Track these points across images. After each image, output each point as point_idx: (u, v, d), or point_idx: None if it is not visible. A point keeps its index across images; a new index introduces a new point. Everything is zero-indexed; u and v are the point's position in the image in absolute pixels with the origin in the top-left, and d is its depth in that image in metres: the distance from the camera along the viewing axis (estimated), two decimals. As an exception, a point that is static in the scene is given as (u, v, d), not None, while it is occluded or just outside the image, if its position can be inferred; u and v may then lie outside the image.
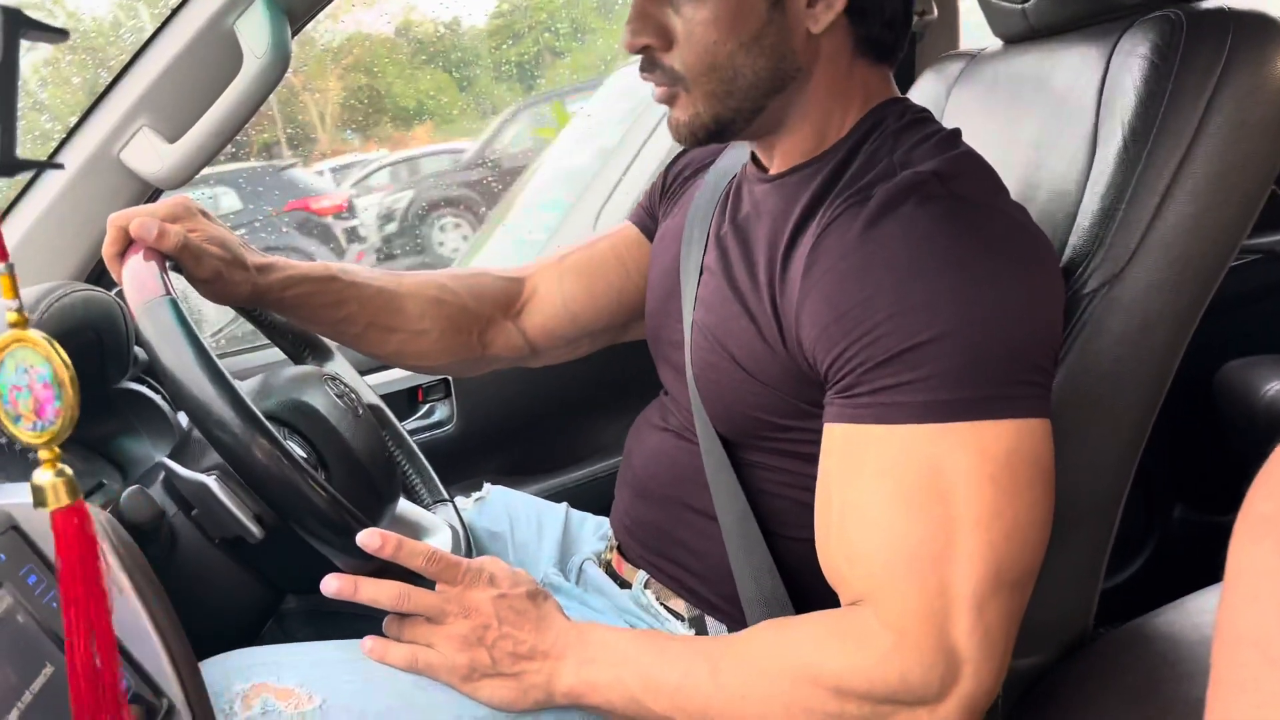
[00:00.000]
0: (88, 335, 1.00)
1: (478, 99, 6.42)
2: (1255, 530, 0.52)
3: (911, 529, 0.71)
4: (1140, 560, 1.67)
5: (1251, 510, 0.53)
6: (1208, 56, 0.84)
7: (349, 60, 5.53)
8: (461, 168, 5.99)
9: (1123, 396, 0.88)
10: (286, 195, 5.65)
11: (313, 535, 0.79)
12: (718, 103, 0.84)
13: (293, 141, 5.50)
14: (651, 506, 0.99)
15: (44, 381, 0.68)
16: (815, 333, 0.77)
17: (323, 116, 5.71)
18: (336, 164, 6.13)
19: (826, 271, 0.77)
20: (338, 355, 1.14)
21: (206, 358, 0.76)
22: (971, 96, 1.14)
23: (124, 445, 1.09)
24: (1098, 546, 0.94)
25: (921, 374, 0.71)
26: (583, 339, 1.18)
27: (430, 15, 3.04)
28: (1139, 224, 0.85)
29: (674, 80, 0.84)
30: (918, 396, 0.71)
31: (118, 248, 0.88)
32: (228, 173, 5.57)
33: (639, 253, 1.15)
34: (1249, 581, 0.51)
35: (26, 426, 0.68)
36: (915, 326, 0.71)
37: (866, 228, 0.75)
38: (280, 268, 0.98)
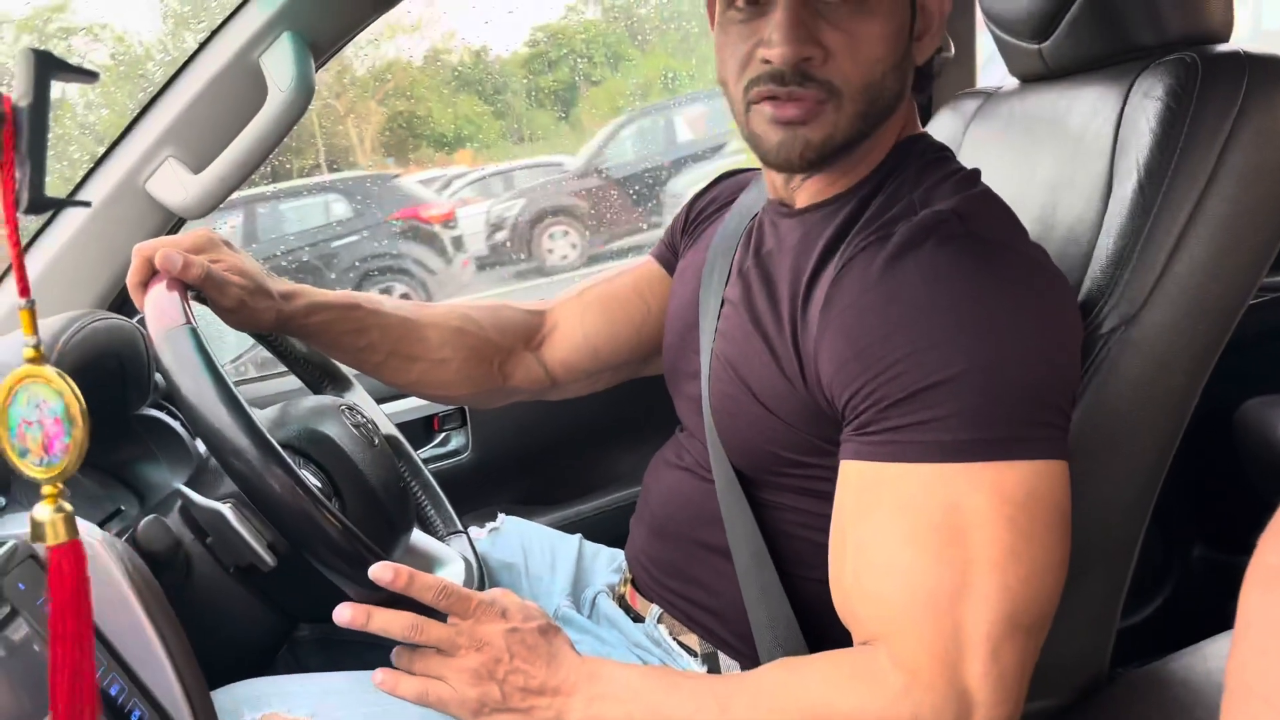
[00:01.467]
0: (110, 363, 1.01)
1: (514, 124, 6.53)
2: (1265, 581, 0.52)
3: (927, 569, 0.71)
4: (1159, 600, 1.65)
5: (1261, 561, 0.53)
6: (1223, 99, 0.84)
7: (390, 86, 5.64)
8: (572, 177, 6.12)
9: (1139, 437, 0.88)
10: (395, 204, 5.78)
11: (325, 565, 0.79)
12: (859, 122, 0.82)
13: (331, 165, 5.63)
14: (667, 544, 0.99)
15: (55, 417, 0.68)
16: (833, 369, 0.77)
17: (361, 139, 5.83)
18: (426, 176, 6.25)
19: (846, 308, 0.77)
20: (357, 386, 1.15)
21: (224, 386, 0.76)
22: (988, 134, 1.14)
23: (143, 471, 1.10)
24: (1114, 588, 0.93)
25: (939, 413, 0.70)
26: (603, 373, 1.19)
27: (464, 43, 3.11)
28: (1155, 265, 0.84)
29: (829, 94, 0.80)
30: (935, 436, 0.71)
31: (141, 277, 0.89)
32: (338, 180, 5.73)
33: (660, 288, 1.15)
34: (1258, 633, 0.51)
35: (33, 461, 0.69)
36: (934, 365, 0.71)
37: (886, 266, 0.75)
38: (304, 295, 0.99)
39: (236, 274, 0.92)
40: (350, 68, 2.64)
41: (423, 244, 5.72)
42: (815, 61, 0.80)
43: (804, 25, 0.79)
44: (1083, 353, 0.85)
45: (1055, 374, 0.74)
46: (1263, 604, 0.51)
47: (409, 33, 2.78)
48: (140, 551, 0.84)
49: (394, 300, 1.09)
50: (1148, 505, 0.91)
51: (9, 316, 1.13)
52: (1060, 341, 0.75)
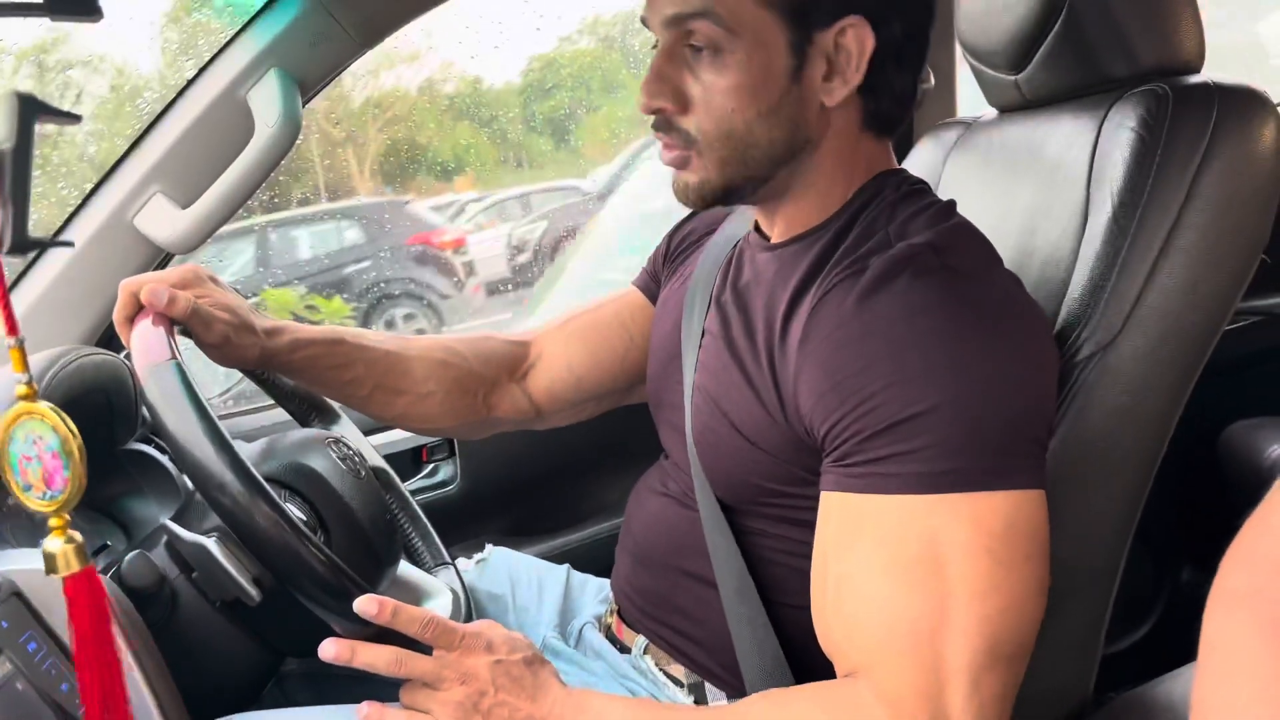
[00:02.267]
0: (96, 398, 1.01)
1: (511, 151, 6.58)
2: (1226, 605, 0.53)
3: (907, 602, 0.71)
4: (1149, 623, 1.65)
5: (1223, 584, 0.54)
6: (1194, 130, 0.85)
7: (389, 114, 5.69)
8: (594, 199, 6.18)
9: (1118, 464, 0.89)
10: (408, 229, 5.81)
11: (310, 599, 0.79)
12: (729, 169, 0.84)
13: (332, 193, 5.68)
14: (651, 573, 0.99)
15: (52, 451, 0.69)
16: (812, 401, 0.77)
17: (360, 167, 5.89)
18: (438, 201, 6.30)
19: (823, 341, 0.77)
20: (343, 418, 1.15)
21: (209, 421, 0.77)
22: (967, 163, 1.15)
23: (129, 506, 1.10)
24: (1097, 615, 0.93)
25: (917, 445, 0.71)
26: (587, 402, 1.19)
27: (461, 73, 3.13)
28: (1130, 294, 0.85)
29: (687, 144, 0.84)
30: (914, 467, 0.71)
31: (128, 312, 0.90)
32: (351, 207, 5.78)
33: (643, 316, 1.16)
34: (1221, 658, 0.51)
35: (36, 495, 0.70)
36: (911, 397, 0.71)
37: (862, 299, 0.76)
38: (288, 331, 0.99)
39: (222, 310, 0.93)
40: (349, 97, 2.66)
41: (435, 269, 5.76)
42: (672, 112, 0.84)
43: (663, 79, 0.84)
44: (1060, 380, 0.86)
45: (1031, 404, 0.75)
46: (1224, 628, 0.52)
47: (408, 62, 2.81)
48: (125, 587, 0.84)
49: (378, 334, 1.09)
50: (1128, 532, 0.91)
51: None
52: (1035, 372, 0.76)
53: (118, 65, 2.94)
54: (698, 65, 0.82)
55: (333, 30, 1.16)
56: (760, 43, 0.80)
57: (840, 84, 0.82)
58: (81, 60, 2.90)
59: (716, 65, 0.81)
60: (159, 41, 2.24)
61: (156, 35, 2.23)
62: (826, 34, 0.81)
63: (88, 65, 2.93)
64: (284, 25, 1.15)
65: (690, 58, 0.83)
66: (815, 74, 0.82)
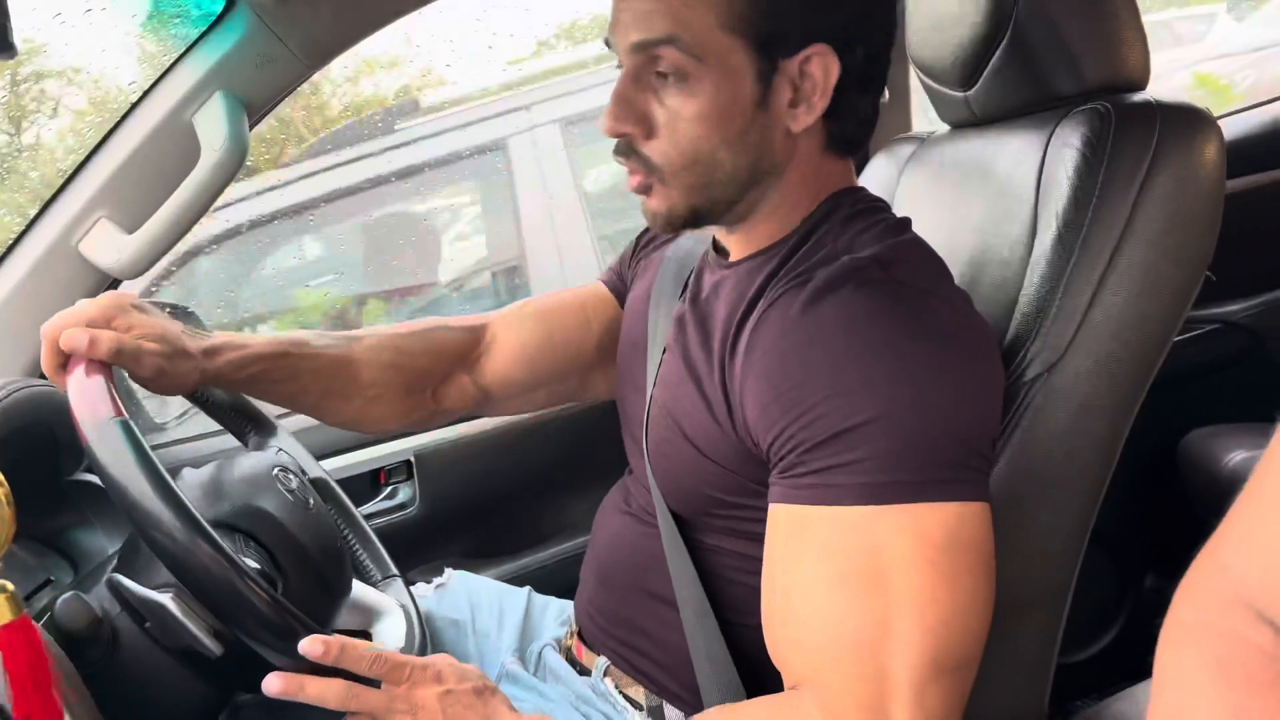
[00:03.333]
0: (40, 429, 0.99)
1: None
2: (1177, 640, 0.53)
3: (849, 613, 0.71)
4: (1114, 630, 1.66)
5: (1175, 618, 0.54)
6: (1136, 148, 0.86)
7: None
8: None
9: (1067, 482, 0.89)
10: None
11: (267, 649, 0.78)
12: (695, 195, 0.84)
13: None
14: (614, 593, 0.99)
15: (-21, 498, 0.67)
16: (757, 412, 0.77)
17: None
18: None
19: (766, 352, 0.78)
20: (280, 430, 1.13)
21: (160, 482, 0.75)
22: (921, 179, 1.16)
23: (76, 538, 1.08)
24: (1049, 633, 0.93)
25: (859, 455, 0.71)
26: (539, 389, 1.17)
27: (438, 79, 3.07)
28: (1076, 312, 0.86)
29: (650, 171, 0.84)
30: (855, 478, 0.71)
31: (56, 361, 0.85)
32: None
33: (605, 310, 1.15)
34: (1173, 693, 0.51)
35: None
36: (852, 408, 0.71)
37: (804, 309, 0.76)
38: (228, 349, 0.96)
39: (152, 339, 0.88)
40: (327, 105, 2.63)
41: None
42: (636, 137, 0.83)
43: (627, 103, 0.83)
44: (1007, 400, 0.86)
45: (974, 418, 0.75)
46: (1175, 663, 0.52)
47: (388, 69, 2.79)
48: (60, 631, 0.82)
49: (323, 337, 1.06)
50: (1080, 548, 0.91)
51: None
52: (979, 385, 0.76)
53: (95, 77, 2.91)
54: (663, 91, 0.82)
55: (279, 52, 1.15)
56: (727, 70, 0.80)
57: (805, 111, 0.83)
58: (56, 72, 2.86)
59: (683, 92, 0.81)
60: (135, 51, 2.21)
61: (133, 45, 2.20)
62: (792, 62, 0.81)
63: (62, 77, 2.89)
64: (229, 47, 1.14)
65: (656, 83, 0.82)
66: (781, 101, 0.82)
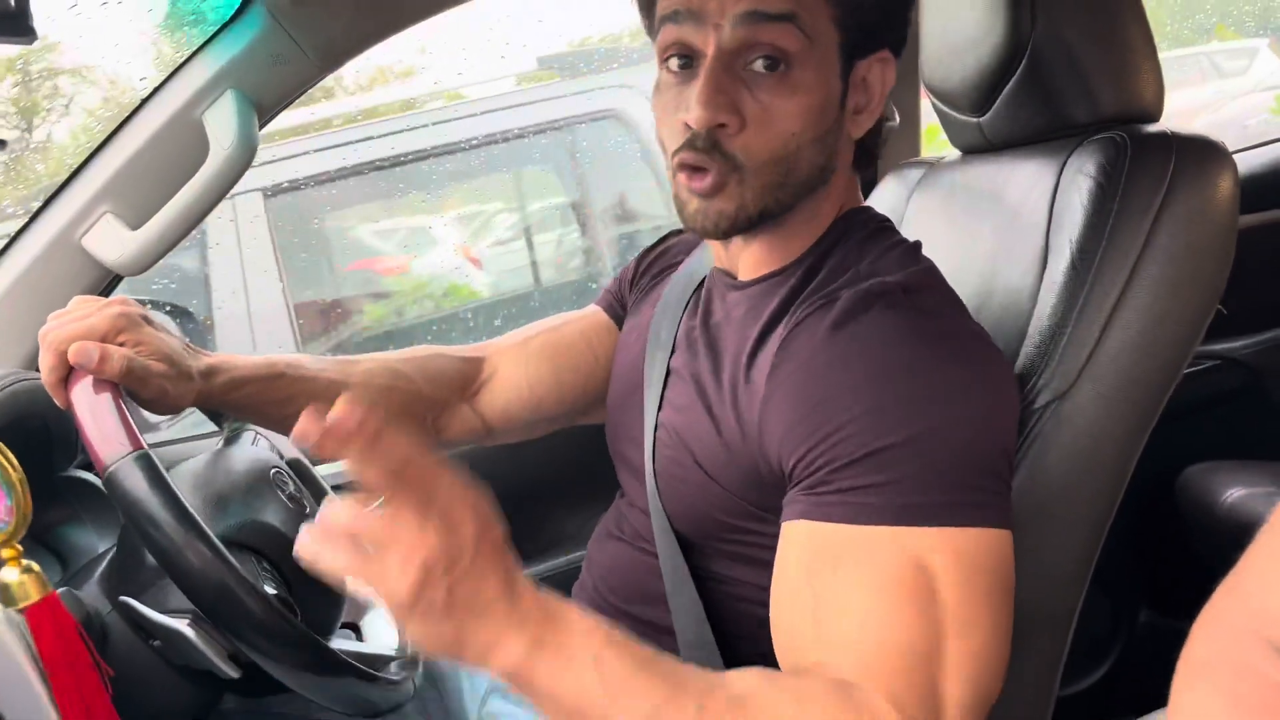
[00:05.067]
0: (33, 424, 0.98)
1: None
2: (1191, 676, 0.52)
3: (900, 622, 0.68)
4: (1107, 664, 1.65)
5: (1191, 654, 0.53)
6: (1152, 178, 0.86)
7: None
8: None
9: (1074, 510, 0.88)
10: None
11: (274, 662, 0.78)
12: (769, 194, 0.81)
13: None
14: (608, 613, 0.97)
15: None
16: (782, 431, 0.76)
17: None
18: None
19: (794, 371, 0.76)
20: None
21: (188, 519, 0.75)
22: (930, 204, 1.16)
23: (67, 535, 1.07)
24: (1051, 660, 0.93)
25: (893, 476, 0.69)
26: (541, 423, 1.16)
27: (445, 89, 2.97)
28: (1087, 341, 0.85)
29: (731, 168, 0.79)
30: (889, 499, 0.69)
31: (59, 374, 0.83)
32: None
33: (607, 339, 1.14)
34: None
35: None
36: (885, 428, 0.70)
37: (835, 329, 0.75)
38: (225, 369, 0.95)
39: (158, 359, 0.86)
40: (343, 113, 2.63)
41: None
42: (729, 130, 0.79)
43: (724, 92, 0.78)
44: (1018, 427, 0.85)
45: (1000, 445, 0.74)
46: (1190, 700, 0.52)
47: (402, 79, 2.79)
48: None
49: (319, 360, 1.06)
50: (1085, 577, 0.91)
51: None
52: (1003, 413, 0.76)
53: (110, 76, 2.90)
54: (759, 83, 0.78)
55: (292, 52, 1.14)
56: (825, 63, 0.79)
57: (866, 117, 0.83)
58: (69, 70, 2.85)
59: (786, 84, 0.78)
60: (150, 52, 2.20)
61: (149, 46, 2.19)
62: (862, 65, 0.81)
63: (75, 74, 2.88)
64: (242, 46, 1.13)
65: (747, 75, 0.79)
66: (851, 104, 0.82)
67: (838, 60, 0.80)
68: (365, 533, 0.58)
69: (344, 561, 0.58)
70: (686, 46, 0.80)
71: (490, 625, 0.61)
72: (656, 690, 0.63)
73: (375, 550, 0.58)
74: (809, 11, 0.77)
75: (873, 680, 0.67)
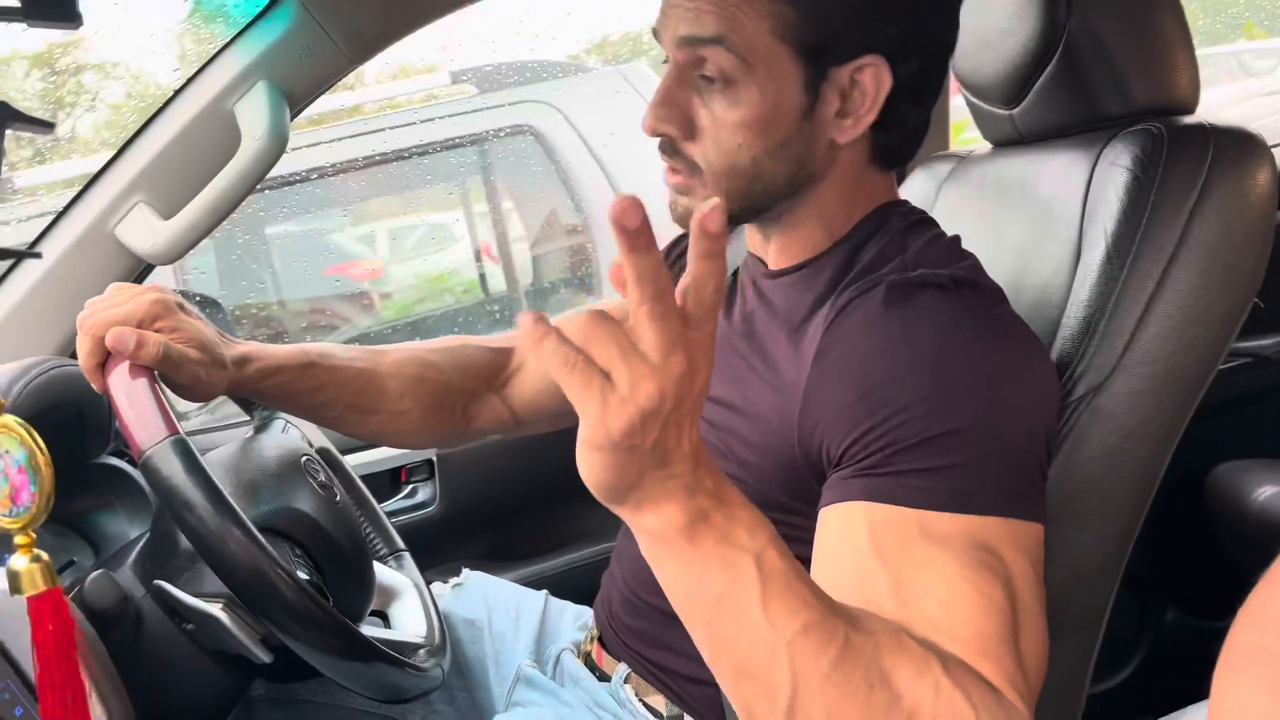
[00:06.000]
0: (68, 410, 0.99)
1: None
2: (1234, 665, 0.51)
3: (983, 605, 0.65)
4: (1133, 664, 1.64)
5: (1234, 643, 0.52)
6: (1189, 171, 0.85)
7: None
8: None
9: (1107, 505, 0.87)
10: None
11: (308, 647, 0.79)
12: (733, 201, 0.82)
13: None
14: (636, 609, 0.97)
15: (19, 466, 0.68)
16: (833, 414, 0.74)
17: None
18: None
19: (846, 354, 0.75)
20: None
21: (223, 504, 0.76)
22: (960, 197, 1.15)
23: (99, 521, 1.08)
24: (1083, 656, 0.92)
25: (953, 460, 0.68)
26: (568, 414, 1.15)
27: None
28: (1122, 334, 0.85)
29: (692, 171, 0.83)
30: (952, 484, 0.68)
31: (96, 359, 0.84)
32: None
33: None
34: (1230, 718, 0.50)
35: (1, 512, 0.68)
36: (948, 412, 0.69)
37: (886, 311, 0.74)
38: (257, 358, 0.96)
39: (193, 346, 0.87)
40: (362, 108, 2.64)
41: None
42: (679, 138, 0.82)
43: (672, 103, 0.81)
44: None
45: (1048, 435, 0.74)
46: (1232, 689, 0.51)
47: (425, 74, 2.80)
48: (88, 609, 0.82)
49: (349, 350, 1.06)
50: (1116, 573, 0.90)
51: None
52: (1050, 404, 0.77)
53: (134, 72, 2.92)
54: (708, 94, 0.80)
55: (323, 44, 1.15)
56: (773, 77, 0.79)
57: (853, 123, 0.81)
58: (94, 65, 2.87)
59: (728, 97, 0.79)
60: (175, 49, 2.21)
61: (173, 43, 2.21)
62: (842, 70, 0.80)
63: (100, 70, 2.90)
64: (274, 38, 1.14)
65: (700, 85, 0.81)
66: (828, 111, 0.81)
67: (796, 72, 0.79)
68: (600, 346, 0.51)
69: (561, 365, 0.51)
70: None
71: (666, 481, 0.56)
72: (811, 607, 0.58)
73: (602, 365, 0.52)
74: (740, 32, 0.78)
75: (983, 654, 0.65)
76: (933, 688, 0.60)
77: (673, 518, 0.56)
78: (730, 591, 0.57)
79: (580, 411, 0.52)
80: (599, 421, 0.52)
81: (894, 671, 0.59)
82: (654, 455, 0.54)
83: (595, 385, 0.51)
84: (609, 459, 0.53)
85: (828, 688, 0.57)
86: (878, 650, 0.59)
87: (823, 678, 0.57)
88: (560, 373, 0.51)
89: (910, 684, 0.59)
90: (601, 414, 0.51)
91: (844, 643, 0.58)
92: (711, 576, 0.57)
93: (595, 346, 0.51)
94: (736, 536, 0.57)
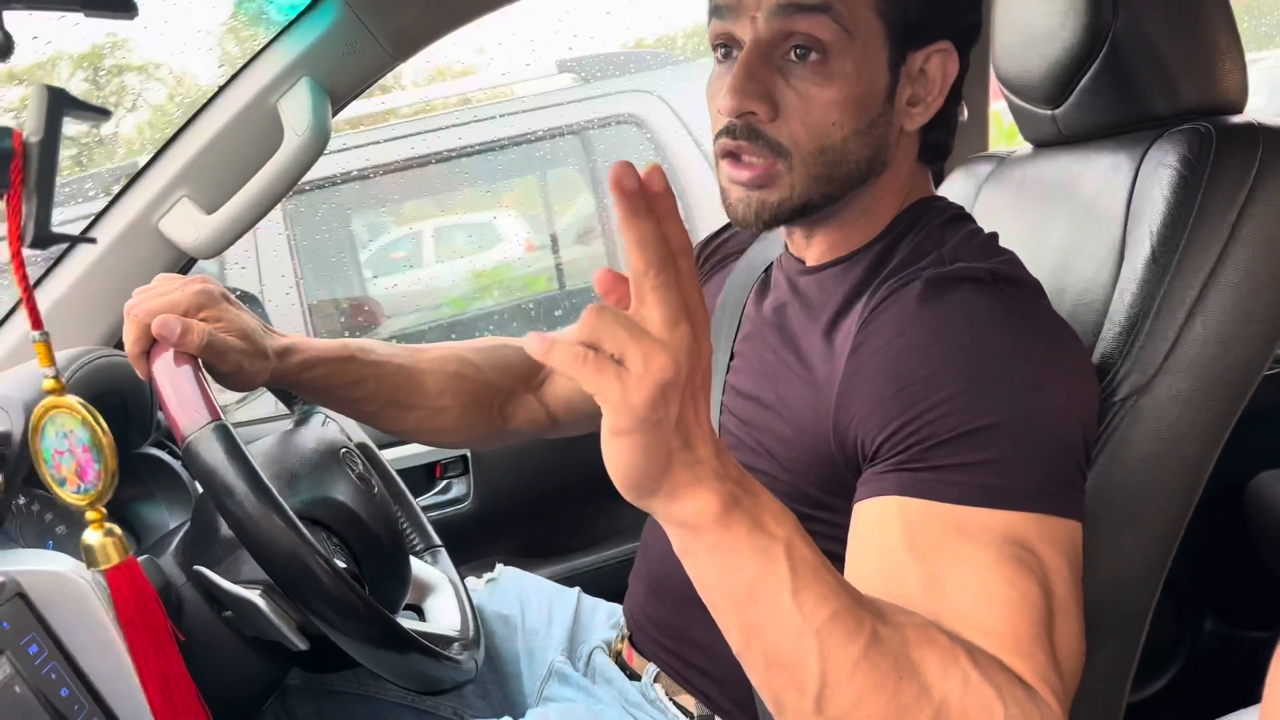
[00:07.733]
0: (112, 400, 1.01)
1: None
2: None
3: (1018, 601, 0.65)
4: (1171, 672, 1.62)
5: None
6: (1237, 170, 0.84)
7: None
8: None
9: (1150, 508, 0.86)
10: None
11: (344, 635, 0.80)
12: (816, 186, 0.81)
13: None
14: (665, 603, 0.97)
15: (84, 445, 0.70)
16: (868, 408, 0.73)
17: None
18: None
19: (881, 349, 0.75)
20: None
21: (264, 490, 0.77)
22: (1000, 197, 1.14)
23: (140, 511, 1.09)
24: (1124, 661, 0.91)
25: (990, 456, 0.68)
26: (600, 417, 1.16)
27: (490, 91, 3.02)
28: (1167, 336, 0.84)
29: (777, 155, 0.79)
30: (988, 480, 0.68)
31: (142, 346, 0.85)
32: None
33: None
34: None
35: (70, 489, 0.70)
36: (985, 407, 0.69)
37: (922, 306, 0.74)
38: (298, 350, 0.97)
39: (237, 335, 0.89)
40: (396, 110, 2.67)
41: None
42: (762, 118, 0.79)
43: (756, 80, 0.78)
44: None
45: (1086, 434, 0.73)
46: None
47: (459, 77, 2.83)
48: None
49: (389, 346, 1.07)
50: (1158, 577, 0.89)
51: (11, 353, 1.13)
52: (1089, 403, 0.75)
53: (177, 74, 2.96)
54: (795, 72, 0.79)
55: (366, 42, 1.16)
56: (867, 54, 0.79)
57: (922, 110, 0.82)
58: (137, 66, 2.92)
59: (822, 73, 0.78)
60: (216, 52, 2.25)
61: (215, 45, 2.23)
62: (918, 56, 0.80)
63: (142, 71, 2.95)
64: (317, 35, 1.15)
65: (784, 63, 0.79)
66: (903, 96, 0.81)
67: (883, 51, 0.79)
68: (608, 333, 0.51)
69: (573, 361, 0.51)
70: (729, 37, 0.82)
71: (695, 467, 0.55)
72: (839, 595, 0.58)
73: (613, 351, 0.51)
74: (847, 3, 0.77)
75: (1016, 650, 0.64)
76: (961, 679, 0.59)
77: (707, 504, 0.55)
78: (762, 579, 0.57)
79: (601, 401, 0.52)
80: (621, 402, 0.51)
81: (923, 663, 0.59)
82: (678, 434, 0.53)
83: (610, 371, 0.51)
84: (637, 440, 0.53)
85: (857, 676, 0.57)
86: (905, 642, 0.59)
87: (852, 665, 0.57)
88: (574, 368, 0.51)
89: (939, 676, 0.59)
90: (622, 395, 0.51)
91: (871, 632, 0.58)
92: (744, 564, 0.56)
93: (603, 335, 0.51)
94: (766, 524, 0.57)
